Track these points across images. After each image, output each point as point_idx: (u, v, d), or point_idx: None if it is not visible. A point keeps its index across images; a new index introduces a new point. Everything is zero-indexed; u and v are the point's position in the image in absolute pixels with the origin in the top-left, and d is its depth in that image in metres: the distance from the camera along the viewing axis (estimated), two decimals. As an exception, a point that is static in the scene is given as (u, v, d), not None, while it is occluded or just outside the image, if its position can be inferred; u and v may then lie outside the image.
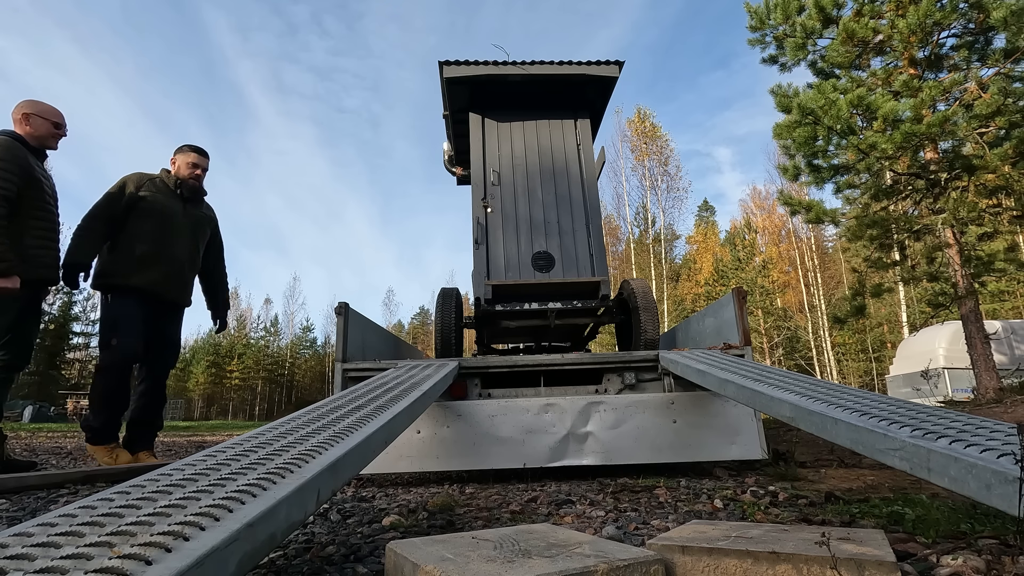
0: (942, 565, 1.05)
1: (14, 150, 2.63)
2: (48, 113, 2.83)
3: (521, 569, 0.88)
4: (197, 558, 0.65)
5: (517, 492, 2.31)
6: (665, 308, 27.65)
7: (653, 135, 30.19)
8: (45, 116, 2.81)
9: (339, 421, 1.42)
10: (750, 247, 32.69)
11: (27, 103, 2.80)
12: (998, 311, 20.59)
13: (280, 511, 0.85)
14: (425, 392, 1.91)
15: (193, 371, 44.68)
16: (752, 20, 8.34)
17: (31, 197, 2.68)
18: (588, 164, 4.44)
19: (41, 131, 2.80)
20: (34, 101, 2.82)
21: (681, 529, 1.22)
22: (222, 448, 1.17)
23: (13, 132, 2.73)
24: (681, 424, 2.65)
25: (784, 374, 2.02)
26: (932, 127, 6.32)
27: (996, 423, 1.24)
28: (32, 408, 18.73)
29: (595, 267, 4.13)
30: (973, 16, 6.80)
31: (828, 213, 7.81)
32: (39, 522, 0.75)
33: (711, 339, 3.31)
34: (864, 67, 7.88)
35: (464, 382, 2.84)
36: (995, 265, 7.24)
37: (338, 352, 2.79)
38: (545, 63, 4.39)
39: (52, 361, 28.64)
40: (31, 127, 2.78)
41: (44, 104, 2.85)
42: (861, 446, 1.26)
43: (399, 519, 1.76)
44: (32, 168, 2.70)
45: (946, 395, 11.41)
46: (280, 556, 1.38)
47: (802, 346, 28.72)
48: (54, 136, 2.86)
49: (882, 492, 2.02)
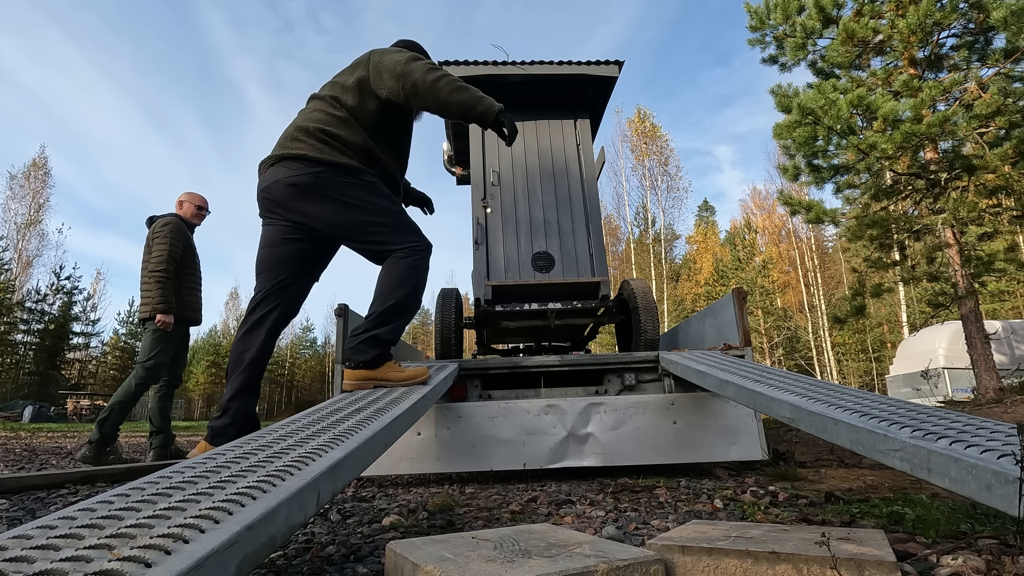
0: (942, 565, 1.05)
1: (179, 225, 3.73)
2: (194, 200, 3.91)
3: (521, 569, 0.88)
4: (196, 560, 0.65)
5: (517, 492, 2.31)
6: (665, 308, 27.66)
7: (653, 135, 30.21)
8: (192, 202, 3.90)
9: (339, 424, 1.42)
10: (750, 247, 32.69)
11: (184, 193, 3.92)
12: (998, 311, 20.59)
13: (280, 513, 0.85)
14: (425, 394, 1.91)
15: (193, 371, 44.66)
16: (752, 20, 8.34)
17: (186, 259, 3.75)
18: (588, 164, 4.43)
19: (189, 212, 3.87)
20: (188, 192, 3.92)
21: (681, 529, 1.22)
22: (222, 451, 1.17)
23: (175, 213, 3.84)
24: (681, 425, 2.65)
25: (784, 375, 2.02)
26: (932, 127, 6.32)
27: (996, 423, 1.24)
28: (32, 408, 18.70)
29: (595, 267, 4.13)
30: (973, 16, 6.80)
31: (828, 213, 7.81)
32: (38, 524, 0.75)
33: (711, 340, 3.31)
34: (864, 67, 7.88)
35: (464, 384, 2.84)
36: (995, 265, 7.24)
37: (338, 354, 2.79)
38: (544, 63, 4.39)
39: (52, 361, 28.61)
40: (183, 210, 3.86)
41: (193, 193, 3.94)
42: (861, 447, 1.26)
43: (399, 519, 1.76)
44: (188, 238, 3.81)
45: (946, 395, 11.41)
46: (280, 556, 1.38)
47: (802, 346, 28.73)
48: (198, 215, 3.92)
49: (882, 492, 2.02)
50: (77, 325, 31.09)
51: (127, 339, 34.96)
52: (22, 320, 28.10)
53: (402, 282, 2.10)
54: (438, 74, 2.12)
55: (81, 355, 32.06)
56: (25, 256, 29.59)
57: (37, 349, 28.35)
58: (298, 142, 2.12)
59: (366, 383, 2.03)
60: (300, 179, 2.07)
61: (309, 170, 2.08)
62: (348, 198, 2.10)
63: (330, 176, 2.09)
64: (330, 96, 2.22)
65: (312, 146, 2.10)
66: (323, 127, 2.13)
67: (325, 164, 2.09)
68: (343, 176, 2.11)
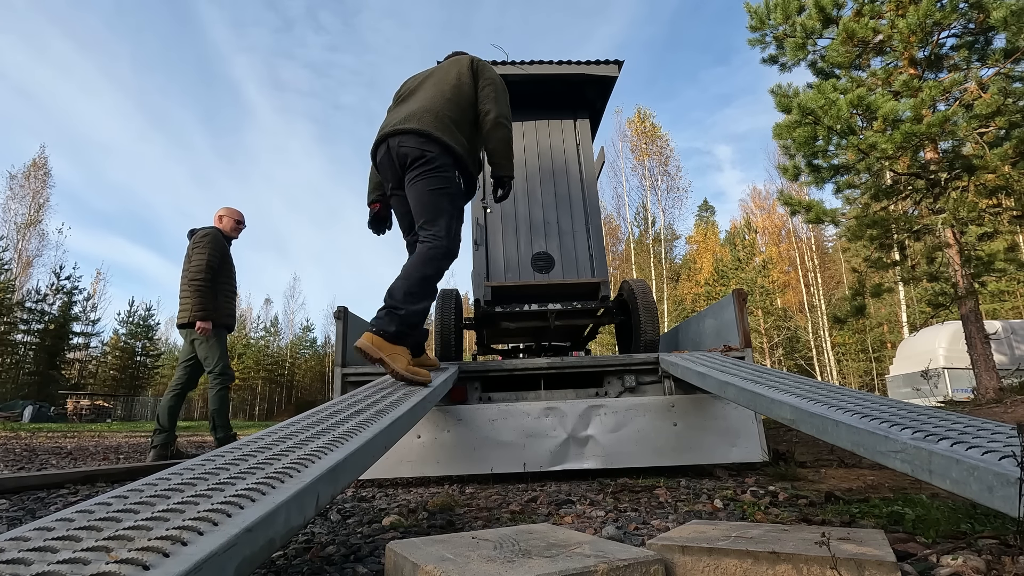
0: (942, 565, 1.05)
1: (218, 237, 3.97)
2: (233, 214, 4.14)
3: (521, 569, 0.88)
4: (195, 563, 0.65)
5: (517, 492, 2.30)
6: (665, 308, 27.66)
7: (653, 135, 30.22)
8: (231, 216, 4.12)
9: (339, 426, 1.42)
10: (750, 247, 32.69)
11: (223, 208, 4.15)
12: (998, 311, 20.58)
13: (279, 516, 0.85)
14: (425, 397, 1.91)
15: (193, 372, 44.57)
16: (752, 20, 8.34)
17: (224, 270, 3.98)
18: (588, 164, 4.43)
19: (228, 226, 4.10)
20: (227, 207, 4.14)
21: (681, 529, 1.22)
22: (221, 452, 1.17)
23: (215, 226, 4.07)
24: (682, 427, 2.65)
25: (785, 376, 2.02)
26: (932, 127, 6.32)
27: (998, 425, 1.24)
28: (32, 408, 18.69)
29: (595, 268, 4.13)
30: (973, 16, 6.80)
31: (828, 213, 7.81)
32: (36, 526, 0.75)
33: (711, 340, 3.31)
34: (864, 67, 7.87)
35: (464, 386, 2.84)
36: (995, 265, 7.24)
37: (337, 357, 2.79)
38: (544, 63, 4.38)
39: (52, 361, 28.60)
40: (223, 224, 4.08)
41: (232, 208, 4.17)
42: (862, 448, 1.26)
43: (399, 519, 1.76)
44: (226, 250, 4.05)
45: (946, 395, 11.41)
46: (280, 556, 1.38)
47: (802, 346, 28.72)
48: (236, 229, 4.16)
49: (882, 492, 2.02)
50: (77, 325, 31.08)
51: (127, 339, 34.95)
52: (22, 320, 28.10)
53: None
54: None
55: (81, 355, 32.06)
56: (25, 256, 29.61)
57: (37, 349, 28.35)
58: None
59: (373, 352, 2.09)
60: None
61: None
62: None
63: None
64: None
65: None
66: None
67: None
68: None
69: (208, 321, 3.79)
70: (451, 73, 2.65)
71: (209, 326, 3.80)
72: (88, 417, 20.82)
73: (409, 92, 2.69)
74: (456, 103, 2.55)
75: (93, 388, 29.78)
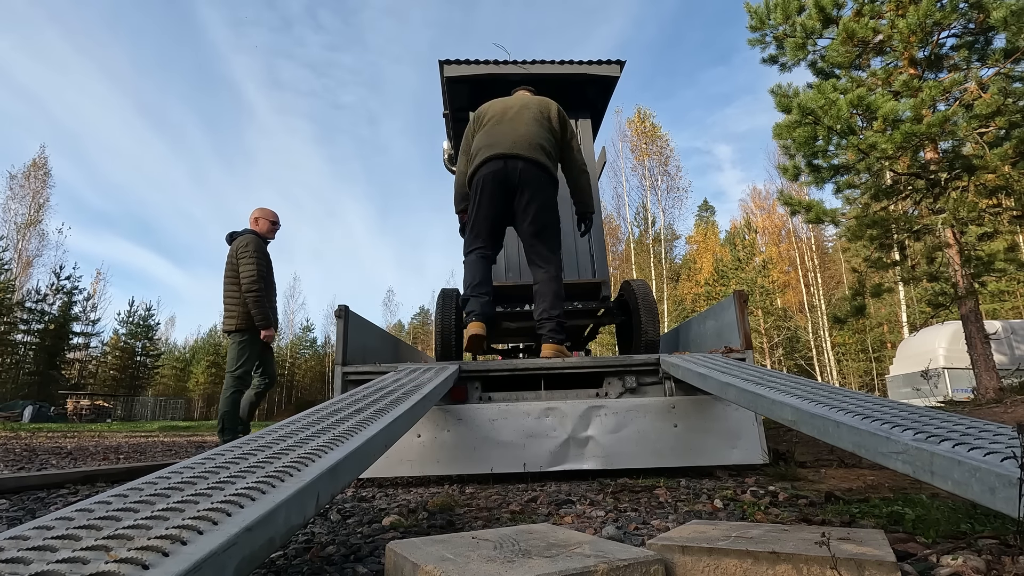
0: (942, 565, 1.05)
1: (259, 243, 3.93)
2: (267, 215, 4.09)
3: (521, 569, 0.88)
4: (195, 562, 0.64)
5: (517, 492, 2.30)
6: (665, 308, 27.66)
7: (653, 135, 30.23)
8: (266, 218, 4.07)
9: (338, 425, 1.41)
10: (750, 247, 32.69)
11: (257, 209, 4.10)
12: (998, 311, 20.58)
13: (279, 515, 0.84)
14: (425, 396, 1.90)
15: (193, 371, 44.68)
16: (752, 20, 8.34)
17: (267, 274, 3.96)
18: (589, 164, 4.42)
19: (264, 228, 4.05)
20: (261, 208, 4.11)
21: (681, 529, 1.22)
22: (220, 451, 1.16)
23: (251, 229, 4.02)
24: (682, 428, 2.65)
25: (786, 378, 2.02)
26: (932, 127, 6.32)
27: (999, 426, 1.24)
28: (32, 408, 18.70)
29: (596, 268, 4.12)
30: (973, 16, 6.80)
31: (828, 213, 7.81)
32: (35, 525, 0.74)
33: (712, 341, 3.30)
34: (864, 67, 7.87)
35: (464, 386, 2.83)
36: (995, 265, 7.24)
37: (338, 355, 2.79)
38: (546, 63, 4.38)
39: (52, 361, 28.61)
40: (259, 226, 4.03)
41: (266, 209, 4.12)
42: (864, 449, 1.26)
43: (399, 519, 1.76)
44: (267, 254, 4.01)
45: (946, 395, 11.40)
46: (280, 556, 1.38)
47: (802, 346, 28.72)
48: (271, 231, 4.10)
49: (882, 492, 2.01)
50: (77, 325, 31.10)
51: (127, 339, 34.96)
52: (22, 320, 28.11)
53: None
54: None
55: (81, 355, 32.07)
56: (25, 256, 29.61)
57: (37, 349, 28.35)
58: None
59: (560, 354, 2.95)
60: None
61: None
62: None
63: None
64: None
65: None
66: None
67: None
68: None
69: (271, 329, 3.89)
70: (544, 115, 3.26)
71: (273, 333, 3.92)
72: (88, 417, 20.83)
73: (509, 120, 3.22)
74: (553, 144, 3.24)
75: (93, 388, 29.79)
